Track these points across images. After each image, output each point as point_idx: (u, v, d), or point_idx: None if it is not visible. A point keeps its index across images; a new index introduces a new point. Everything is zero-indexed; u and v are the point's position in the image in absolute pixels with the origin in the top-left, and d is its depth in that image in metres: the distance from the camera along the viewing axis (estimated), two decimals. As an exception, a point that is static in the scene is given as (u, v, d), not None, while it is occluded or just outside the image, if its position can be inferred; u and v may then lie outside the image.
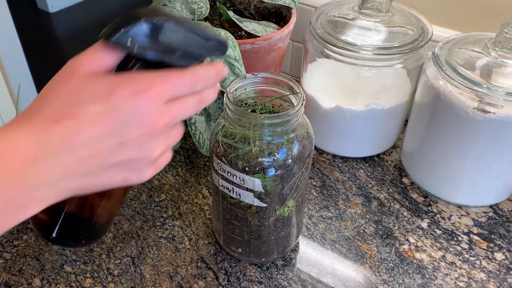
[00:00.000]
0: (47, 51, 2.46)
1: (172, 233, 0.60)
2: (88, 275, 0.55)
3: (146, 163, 0.32)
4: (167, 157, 0.34)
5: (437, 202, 0.65)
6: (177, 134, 0.34)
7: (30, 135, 0.28)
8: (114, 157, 0.30)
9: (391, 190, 0.67)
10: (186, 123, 0.61)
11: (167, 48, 0.32)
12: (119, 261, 0.57)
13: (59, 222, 0.38)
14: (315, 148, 0.72)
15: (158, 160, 0.33)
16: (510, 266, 0.57)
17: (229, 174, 0.47)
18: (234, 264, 0.57)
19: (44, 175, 0.28)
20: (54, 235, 0.39)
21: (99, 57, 0.30)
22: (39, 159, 0.27)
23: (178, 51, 0.32)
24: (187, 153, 0.72)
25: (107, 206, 0.40)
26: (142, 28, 0.30)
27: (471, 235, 0.61)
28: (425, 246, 0.59)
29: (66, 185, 0.29)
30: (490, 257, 0.58)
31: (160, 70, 0.31)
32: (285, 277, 0.55)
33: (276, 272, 0.56)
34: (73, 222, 0.39)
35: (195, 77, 0.32)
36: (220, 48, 0.36)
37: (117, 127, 0.29)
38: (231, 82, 0.48)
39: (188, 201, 0.64)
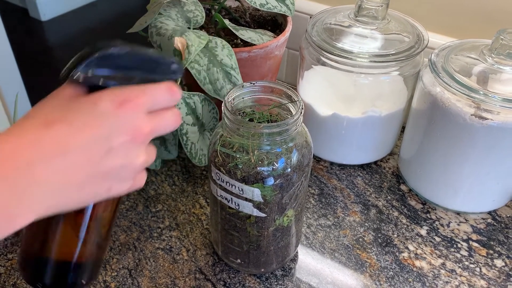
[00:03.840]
0: (39, 59, 2.44)
1: (170, 244, 0.59)
2: (84, 288, 0.54)
3: (129, 172, 0.33)
4: (143, 178, 0.36)
5: (435, 209, 0.65)
6: (152, 152, 0.35)
7: (24, 140, 0.28)
8: (103, 165, 0.31)
9: (389, 197, 0.67)
10: (177, 133, 0.60)
11: (123, 77, 0.34)
12: (116, 273, 0.56)
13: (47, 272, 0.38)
14: (313, 156, 0.72)
15: (137, 177, 0.35)
16: (510, 273, 0.57)
17: (227, 184, 0.47)
18: (233, 275, 0.56)
19: (38, 179, 0.28)
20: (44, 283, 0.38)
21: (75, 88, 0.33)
22: (34, 162, 0.28)
23: (135, 78, 0.35)
24: (183, 163, 0.71)
25: (90, 242, 0.40)
26: (97, 61, 0.33)
27: (471, 242, 0.60)
28: (425, 253, 0.59)
29: (56, 195, 0.30)
30: (490, 264, 0.58)
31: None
32: (285, 288, 0.55)
33: (275, 283, 0.55)
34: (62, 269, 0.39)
35: (171, 88, 0.35)
36: (175, 71, 0.38)
37: (105, 133, 0.30)
38: (229, 91, 0.47)
39: (185, 211, 0.64)
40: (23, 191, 0.28)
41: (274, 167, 0.45)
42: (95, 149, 0.30)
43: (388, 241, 0.60)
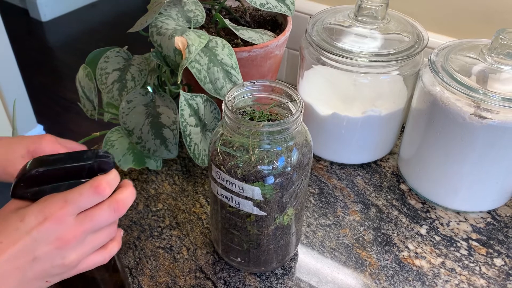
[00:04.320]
0: (39, 59, 2.45)
1: (170, 243, 0.60)
2: (85, 287, 0.54)
3: (63, 270, 0.37)
4: (112, 248, 0.41)
5: (435, 208, 0.65)
6: (98, 239, 0.39)
7: None
8: (31, 271, 0.36)
9: (389, 196, 0.67)
10: (181, 134, 0.60)
11: (54, 187, 0.40)
12: (116, 272, 0.56)
13: None
14: (313, 155, 0.72)
15: (105, 250, 0.40)
16: (509, 271, 0.57)
17: (228, 182, 0.47)
18: (233, 274, 0.56)
19: None
20: None
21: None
22: None
23: (63, 185, 0.40)
24: (184, 162, 0.71)
25: None
26: (29, 179, 0.40)
27: (470, 241, 0.61)
28: (425, 252, 0.59)
29: None
30: (490, 263, 0.58)
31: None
32: (285, 286, 0.55)
33: (275, 281, 0.55)
34: None
35: (95, 186, 0.37)
36: (105, 166, 0.41)
37: (29, 246, 0.35)
38: (229, 90, 0.47)
39: (185, 210, 0.64)
40: None
41: (274, 166, 0.46)
42: (21, 259, 0.35)
43: (388, 240, 0.60)
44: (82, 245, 0.38)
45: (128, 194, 0.39)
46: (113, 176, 0.39)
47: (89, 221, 0.37)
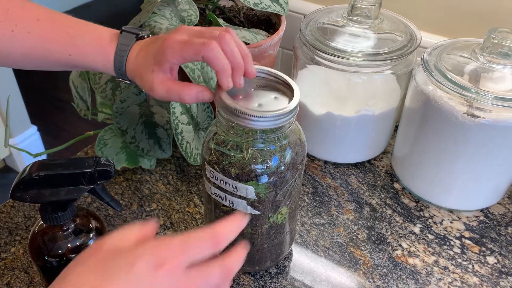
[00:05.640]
0: (33, 60, 2.43)
1: (164, 242, 0.59)
2: None
3: None
4: None
5: (428, 207, 0.65)
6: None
7: None
8: None
9: (382, 195, 0.67)
10: (172, 132, 0.60)
11: (54, 192, 0.42)
12: (110, 272, 0.56)
13: None
14: (307, 154, 0.72)
15: None
16: (502, 269, 0.57)
17: (221, 182, 0.47)
18: (227, 273, 0.56)
19: None
20: None
21: (127, 233, 0.33)
22: None
23: (63, 190, 0.43)
24: (178, 162, 0.71)
25: None
26: (29, 182, 0.42)
27: (463, 240, 0.61)
28: (418, 251, 0.59)
29: None
30: (483, 261, 0.58)
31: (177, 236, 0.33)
32: (279, 285, 0.55)
33: (269, 281, 0.55)
34: None
35: (215, 237, 0.33)
36: (105, 174, 0.43)
37: None
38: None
39: (179, 210, 0.64)
40: None
41: (268, 165, 0.46)
42: None
43: (382, 239, 0.61)
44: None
45: (239, 261, 0.35)
46: (234, 228, 0.34)
47: (200, 279, 0.32)
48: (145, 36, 0.50)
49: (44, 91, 2.22)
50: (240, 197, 0.47)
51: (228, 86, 0.43)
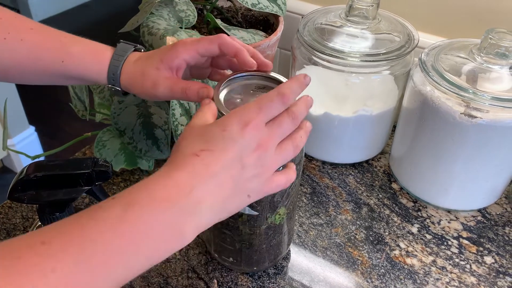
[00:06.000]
0: (31, 60, 2.42)
1: (162, 243, 0.59)
2: (76, 288, 0.54)
3: (261, 181, 0.39)
4: (279, 179, 0.40)
5: (426, 207, 0.65)
6: (285, 150, 0.40)
7: (184, 172, 0.35)
8: (241, 179, 0.37)
9: (380, 195, 0.67)
10: (173, 134, 0.60)
11: (51, 193, 0.43)
12: (108, 273, 0.56)
13: None
14: (305, 155, 0.72)
15: (274, 179, 0.40)
16: (499, 269, 0.57)
17: (219, 182, 0.47)
18: (225, 274, 0.56)
19: (198, 200, 0.35)
20: None
21: (205, 112, 0.40)
22: (194, 188, 0.35)
23: (61, 192, 0.43)
24: (176, 162, 0.71)
25: None
26: (27, 183, 0.42)
27: (461, 239, 0.61)
28: (416, 251, 0.59)
29: (211, 211, 0.36)
30: (480, 261, 0.58)
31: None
32: (277, 286, 0.55)
33: (268, 281, 0.55)
34: None
35: (282, 94, 0.38)
36: (103, 175, 0.44)
37: (238, 154, 0.37)
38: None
39: (177, 211, 0.64)
40: (189, 212, 0.35)
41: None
42: (233, 168, 0.36)
43: (380, 239, 0.61)
44: (275, 154, 0.39)
45: (304, 107, 0.40)
46: (296, 86, 0.39)
47: (278, 128, 0.38)
48: (142, 50, 0.51)
49: (42, 91, 2.22)
50: (238, 197, 0.47)
51: (253, 63, 0.44)
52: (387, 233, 0.61)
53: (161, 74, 0.46)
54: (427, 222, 0.63)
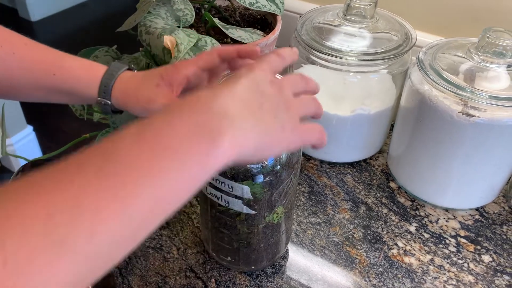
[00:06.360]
0: (29, 60, 2.42)
1: (160, 242, 0.59)
2: (74, 287, 0.54)
3: (293, 115, 0.38)
4: (309, 130, 0.40)
5: (424, 206, 0.66)
6: (306, 101, 0.41)
7: (197, 93, 0.34)
8: (263, 100, 0.35)
9: (378, 194, 0.67)
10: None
11: None
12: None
13: None
14: (303, 154, 0.72)
15: (308, 125, 0.40)
16: (497, 268, 0.58)
17: (217, 181, 0.47)
18: (223, 273, 0.56)
19: (224, 106, 0.33)
20: None
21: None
22: (216, 97, 0.33)
23: None
24: (174, 161, 0.71)
25: None
26: None
27: (459, 238, 0.61)
28: (414, 250, 0.59)
29: (247, 124, 0.34)
30: (478, 259, 0.58)
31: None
32: (275, 285, 0.55)
33: (266, 280, 0.55)
34: None
35: (278, 54, 0.40)
36: None
37: (254, 82, 0.36)
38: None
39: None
40: (220, 115, 0.32)
41: (264, 164, 0.46)
42: (252, 92, 0.35)
43: (378, 238, 0.61)
44: (295, 99, 0.39)
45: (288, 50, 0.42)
46: (289, 50, 0.42)
47: (281, 80, 0.39)
48: (134, 71, 0.51)
49: (40, 91, 2.21)
50: (235, 196, 0.47)
51: (258, 48, 0.45)
52: (385, 232, 0.62)
53: (159, 91, 0.45)
54: (425, 221, 0.63)
